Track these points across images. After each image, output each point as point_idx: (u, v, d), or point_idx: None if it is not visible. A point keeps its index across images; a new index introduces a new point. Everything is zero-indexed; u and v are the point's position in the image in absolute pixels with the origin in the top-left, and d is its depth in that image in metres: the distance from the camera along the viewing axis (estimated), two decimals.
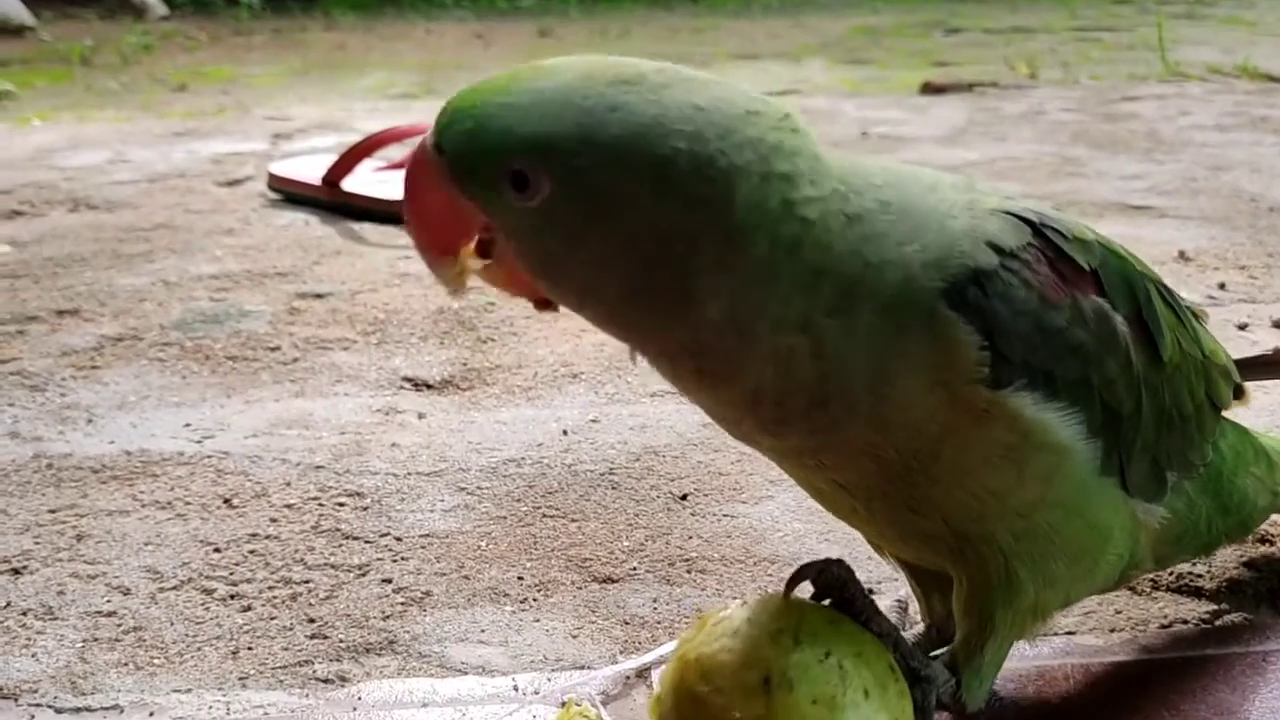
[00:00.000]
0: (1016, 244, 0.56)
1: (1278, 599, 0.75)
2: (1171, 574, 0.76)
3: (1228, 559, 0.77)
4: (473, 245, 0.52)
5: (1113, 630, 0.72)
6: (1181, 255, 1.53)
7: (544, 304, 0.54)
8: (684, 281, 0.50)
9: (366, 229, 1.79)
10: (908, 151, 2.35)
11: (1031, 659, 0.68)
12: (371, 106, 3.22)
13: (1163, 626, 0.72)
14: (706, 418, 1.04)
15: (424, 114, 3.03)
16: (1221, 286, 1.40)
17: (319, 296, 1.45)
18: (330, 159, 2.08)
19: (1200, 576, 0.76)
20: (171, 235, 1.76)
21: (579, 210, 0.49)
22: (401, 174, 1.85)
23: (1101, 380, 0.57)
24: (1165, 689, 0.66)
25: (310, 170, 2.01)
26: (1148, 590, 0.76)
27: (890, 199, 0.54)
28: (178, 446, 1.02)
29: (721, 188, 0.49)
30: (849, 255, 0.51)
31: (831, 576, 0.56)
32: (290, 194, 2.00)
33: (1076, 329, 0.57)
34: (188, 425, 1.06)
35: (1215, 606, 0.74)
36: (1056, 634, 0.71)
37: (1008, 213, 0.57)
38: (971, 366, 0.53)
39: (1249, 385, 0.71)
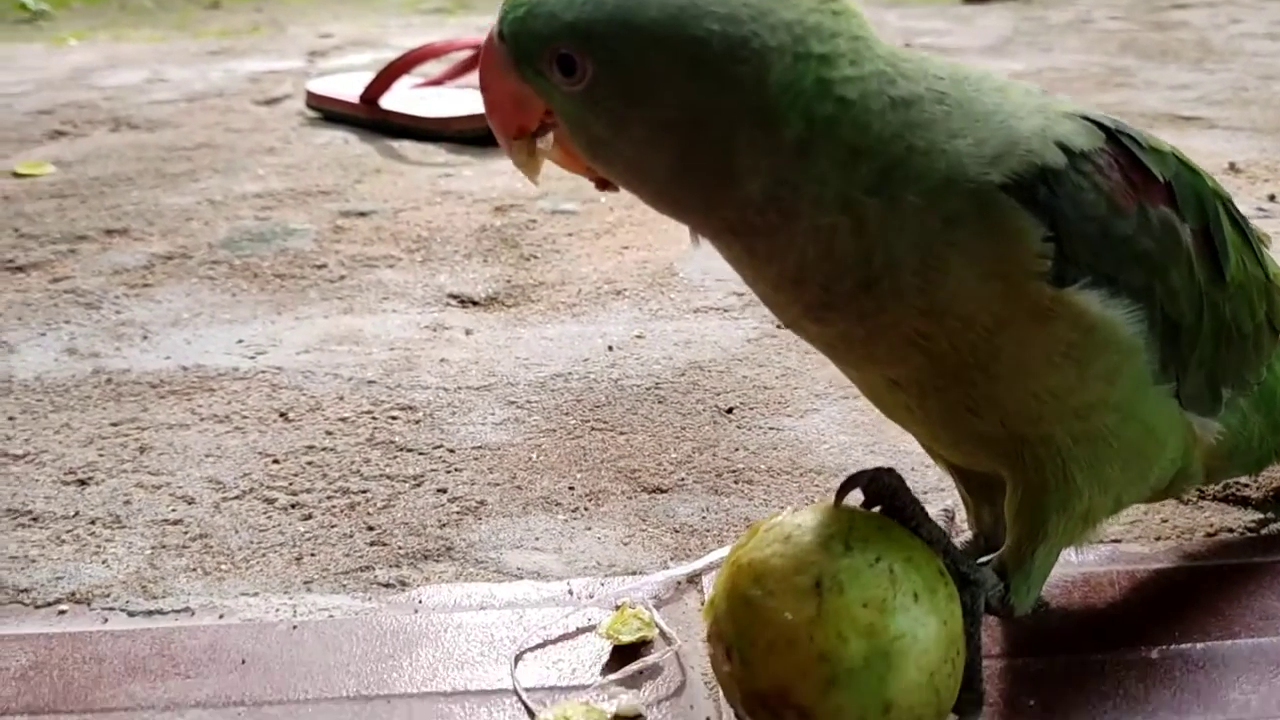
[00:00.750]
0: (1089, 147, 0.56)
1: None
2: (1218, 483, 0.77)
3: (1275, 469, 0.78)
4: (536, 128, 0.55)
5: (1158, 538, 0.73)
6: (1232, 167, 1.50)
7: (603, 183, 0.56)
8: (724, 160, 0.51)
9: (406, 146, 1.79)
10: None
11: (1077, 566, 0.70)
12: (406, 23, 3.20)
13: (1209, 535, 0.73)
14: (751, 333, 1.05)
15: (458, 29, 3.02)
16: (1271, 198, 1.38)
17: (362, 215, 1.46)
18: (367, 76, 2.08)
19: (1247, 486, 0.77)
20: (213, 154, 1.77)
21: (620, 92, 0.52)
22: (439, 91, 1.82)
23: (1164, 291, 0.58)
24: (1211, 595, 0.67)
25: (348, 88, 2.01)
26: (1194, 500, 0.76)
27: (948, 91, 0.54)
28: (232, 362, 1.04)
29: (754, 68, 0.50)
30: (891, 138, 0.52)
31: (882, 485, 0.57)
32: (329, 112, 2.00)
33: (1143, 238, 0.57)
34: (240, 342, 1.08)
35: (1262, 515, 0.75)
36: (1103, 542, 0.72)
37: (1084, 117, 0.57)
38: (1032, 259, 0.53)
39: None
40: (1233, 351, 0.62)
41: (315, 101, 2.03)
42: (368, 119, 1.92)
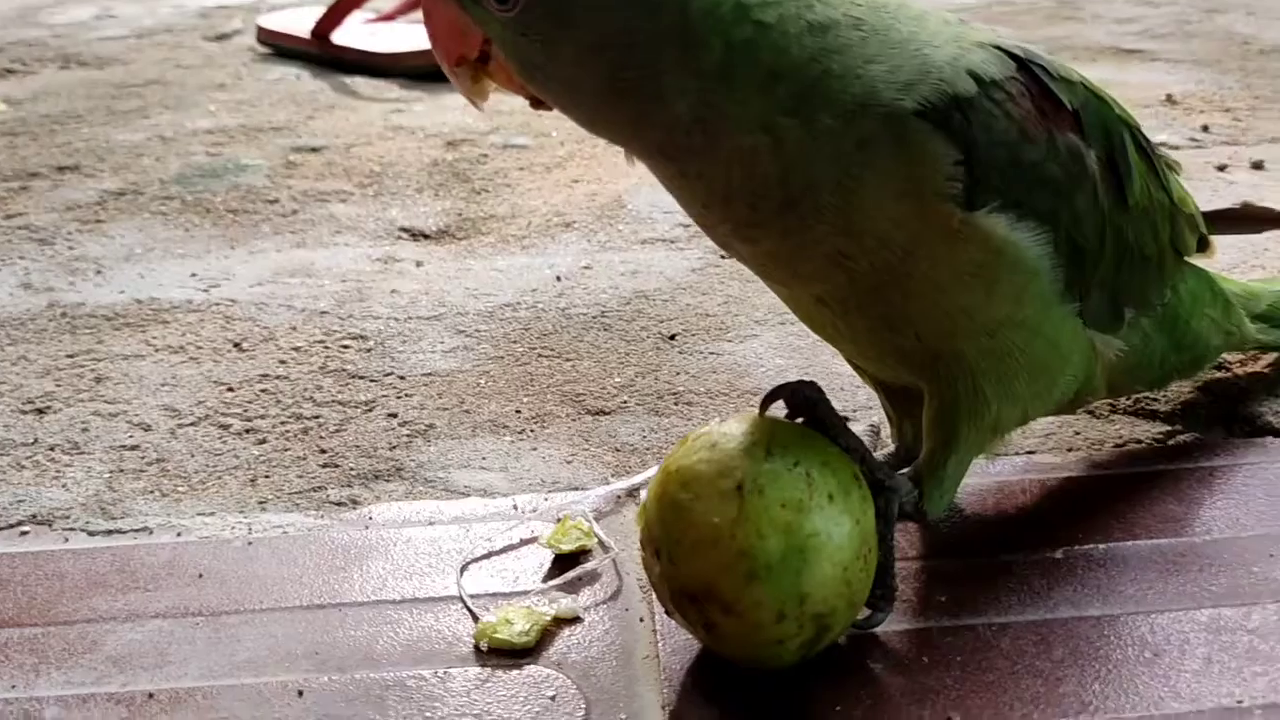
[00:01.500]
0: (1000, 75, 0.58)
1: (1229, 420, 0.79)
2: (1129, 398, 0.81)
3: (1180, 385, 0.82)
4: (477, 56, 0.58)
5: (1070, 450, 0.77)
6: (1169, 99, 1.54)
7: (537, 103, 0.59)
8: (651, 82, 0.54)
9: (359, 82, 1.79)
10: None
11: (993, 475, 0.74)
12: None
13: (1117, 446, 0.77)
14: (696, 263, 1.08)
15: None
16: (1205, 129, 1.42)
17: (314, 150, 1.47)
18: (319, 11, 2.06)
19: (1156, 400, 0.81)
20: (164, 91, 1.76)
21: (550, 16, 0.55)
22: (391, 26, 1.82)
23: (1069, 215, 0.61)
24: (1115, 501, 0.71)
25: (300, 23, 2.00)
26: (1105, 413, 0.80)
27: (865, 17, 0.57)
28: (185, 295, 1.05)
29: None
30: (808, 62, 0.55)
31: (803, 397, 0.60)
32: (280, 48, 1.99)
33: (1051, 164, 0.60)
34: (194, 275, 1.10)
35: (1169, 428, 0.79)
36: (1017, 453, 0.76)
37: (996, 47, 0.60)
38: (942, 182, 0.56)
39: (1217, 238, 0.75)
40: (1135, 273, 0.66)
41: (266, 37, 2.01)
42: (319, 54, 1.92)
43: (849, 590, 0.56)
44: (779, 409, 0.61)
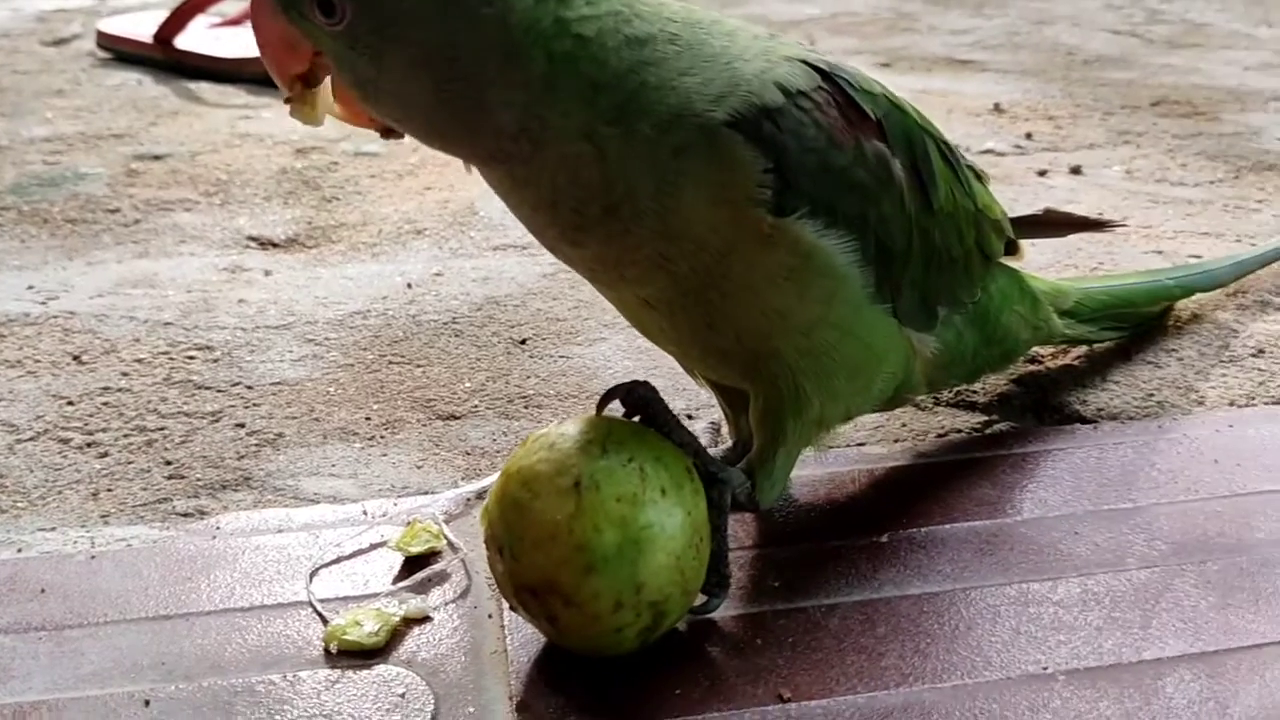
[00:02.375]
0: (806, 86, 0.62)
1: (1040, 409, 0.86)
2: (951, 391, 0.86)
3: (997, 378, 0.88)
4: (307, 75, 0.60)
5: (896, 440, 0.82)
6: (996, 107, 1.63)
7: (387, 131, 0.61)
8: (478, 93, 0.57)
9: (203, 88, 1.76)
10: (753, 5, 2.39)
11: (824, 467, 0.78)
12: None
13: (939, 436, 0.82)
14: (547, 269, 1.10)
15: None
16: (1029, 136, 1.50)
17: (157, 158, 1.44)
18: (161, 15, 2.02)
19: (975, 393, 0.87)
20: None
21: (376, 29, 0.56)
22: (236, 30, 1.80)
23: (877, 218, 0.65)
24: (937, 487, 0.76)
25: (141, 27, 1.95)
26: (929, 406, 0.85)
27: (679, 33, 0.60)
28: (22, 308, 1.03)
29: (498, 9, 0.56)
30: (626, 73, 0.58)
31: (637, 396, 0.63)
32: (121, 52, 1.94)
33: (859, 169, 0.64)
34: (31, 288, 1.07)
35: (986, 418, 0.84)
36: (848, 446, 0.81)
37: (801, 60, 0.63)
38: (753, 188, 0.59)
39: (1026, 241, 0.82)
40: (944, 274, 0.70)
41: (106, 41, 1.96)
42: (162, 59, 1.87)
43: (683, 578, 0.59)
44: (616, 409, 0.64)
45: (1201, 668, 0.61)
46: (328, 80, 0.60)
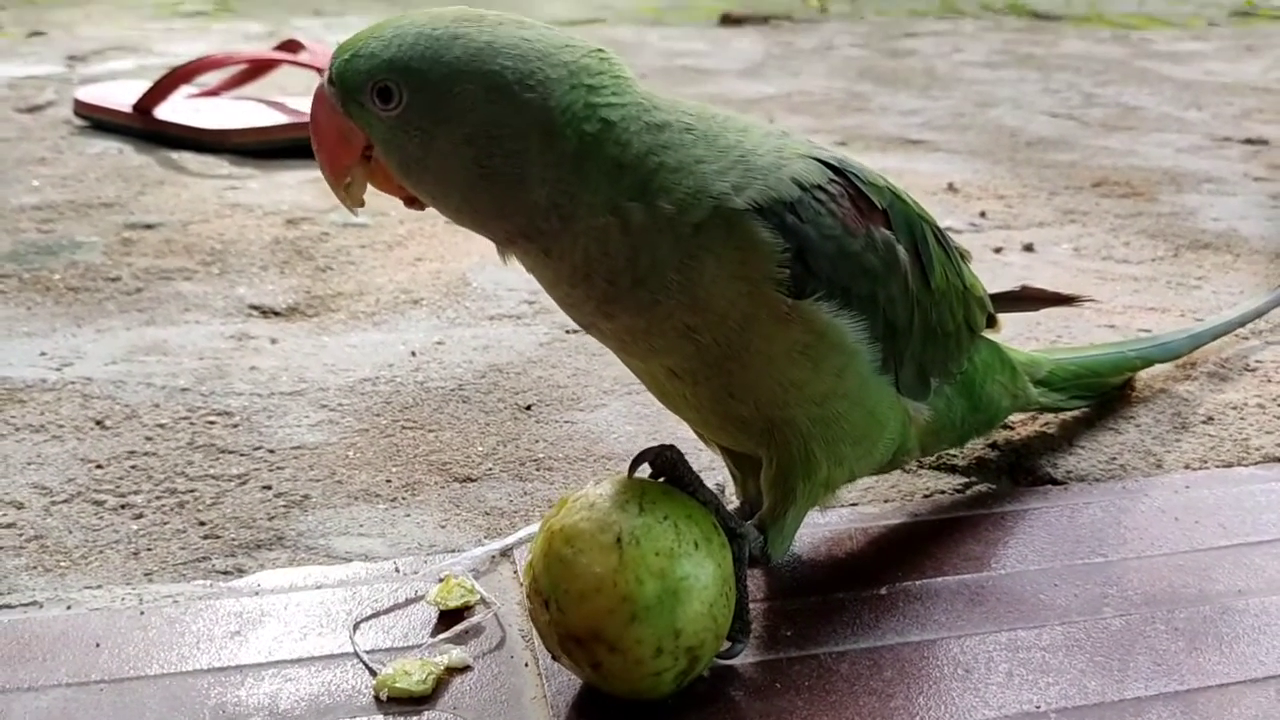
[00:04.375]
0: (820, 180, 0.69)
1: (1015, 472, 0.93)
2: (934, 456, 0.93)
3: (976, 442, 0.95)
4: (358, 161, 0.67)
5: (887, 501, 0.88)
6: (950, 187, 1.73)
7: (411, 200, 0.68)
8: (516, 169, 0.63)
9: (186, 158, 1.80)
10: (711, 84, 2.49)
11: (825, 526, 0.84)
12: (167, 27, 3.14)
13: (926, 496, 0.89)
14: (543, 338, 1.15)
15: (223, 34, 2.98)
16: (982, 215, 1.60)
17: (149, 227, 1.48)
18: (137, 84, 2.06)
19: (955, 457, 0.94)
20: None
21: (429, 113, 0.63)
22: (216, 102, 1.87)
23: (885, 298, 0.72)
24: (927, 543, 0.83)
25: (119, 96, 1.99)
26: (914, 469, 0.92)
27: (695, 124, 0.67)
28: (38, 374, 1.06)
29: (540, 93, 0.63)
30: (647, 154, 0.65)
31: (665, 459, 0.69)
32: (99, 121, 1.98)
33: (870, 254, 0.71)
34: (43, 354, 1.10)
35: (967, 479, 0.91)
36: (844, 507, 0.87)
37: (813, 157, 0.70)
38: (772, 268, 0.66)
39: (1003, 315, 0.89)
40: (938, 347, 0.77)
41: (84, 110, 2.00)
42: (141, 129, 1.92)
43: (715, 625, 0.65)
44: (643, 471, 0.69)
45: (1177, 705, 0.67)
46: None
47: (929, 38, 3.22)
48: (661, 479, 0.69)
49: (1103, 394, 1.00)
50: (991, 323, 0.86)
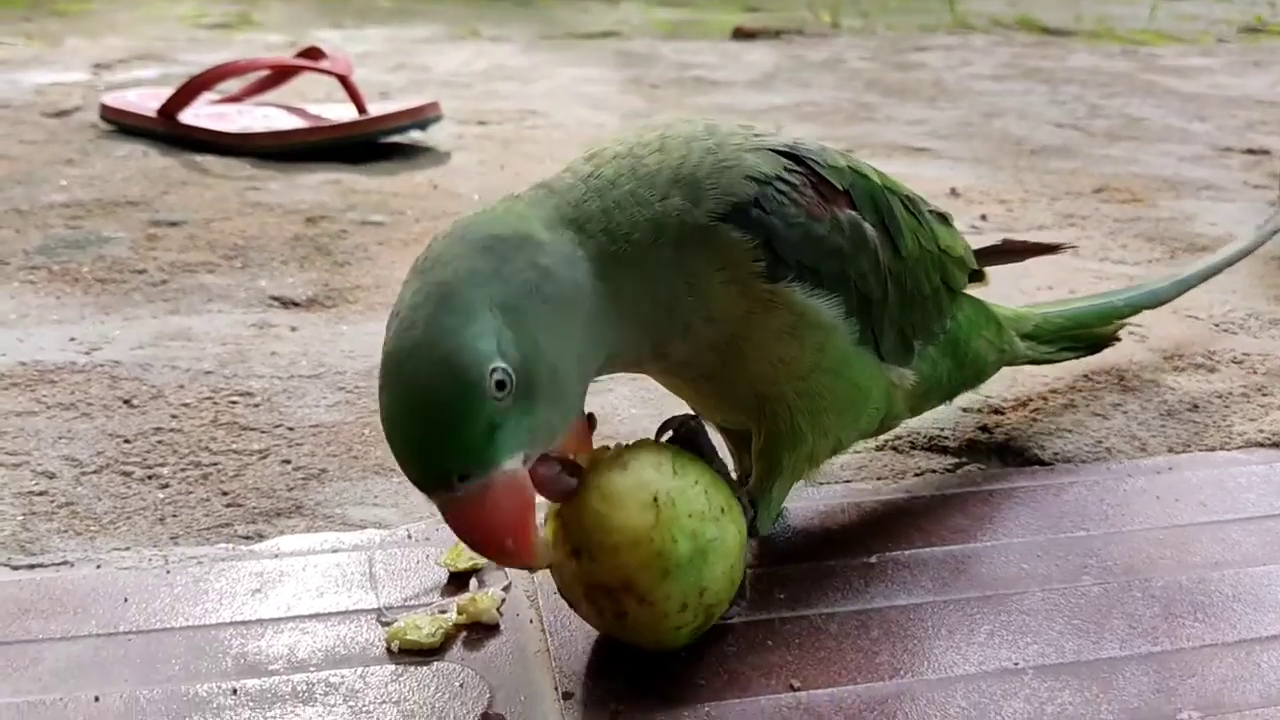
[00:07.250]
0: (772, 171, 0.72)
1: (1004, 453, 0.96)
2: (925, 437, 0.97)
3: (967, 425, 0.99)
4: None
5: (879, 478, 0.92)
6: (953, 191, 1.76)
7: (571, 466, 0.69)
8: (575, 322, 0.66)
9: (209, 160, 1.85)
10: (722, 95, 2.54)
11: (818, 500, 0.88)
12: (190, 36, 3.20)
13: (917, 475, 0.93)
14: None
15: (245, 45, 3.05)
16: (983, 218, 1.64)
17: (173, 224, 1.53)
18: (159, 90, 2.12)
19: (946, 438, 0.97)
20: (10, 165, 1.79)
21: (525, 369, 0.63)
22: (238, 107, 1.92)
23: (856, 274, 0.76)
24: (916, 517, 0.86)
25: (144, 101, 2.05)
26: (907, 450, 0.96)
27: (652, 165, 0.70)
28: (68, 357, 1.11)
29: (531, 284, 0.65)
30: (599, 214, 0.68)
31: (689, 429, 0.73)
32: (124, 125, 2.03)
33: (836, 236, 0.75)
34: (73, 339, 1.15)
35: (957, 460, 0.95)
36: (837, 483, 0.91)
37: (769, 149, 0.74)
38: (749, 264, 0.70)
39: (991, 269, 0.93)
40: (917, 311, 0.81)
41: (110, 114, 2.05)
42: (165, 132, 1.97)
43: (731, 585, 0.69)
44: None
45: (1150, 665, 0.71)
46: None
47: (939, 51, 3.26)
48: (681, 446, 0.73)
49: (1092, 345, 1.04)
50: (980, 278, 0.90)
